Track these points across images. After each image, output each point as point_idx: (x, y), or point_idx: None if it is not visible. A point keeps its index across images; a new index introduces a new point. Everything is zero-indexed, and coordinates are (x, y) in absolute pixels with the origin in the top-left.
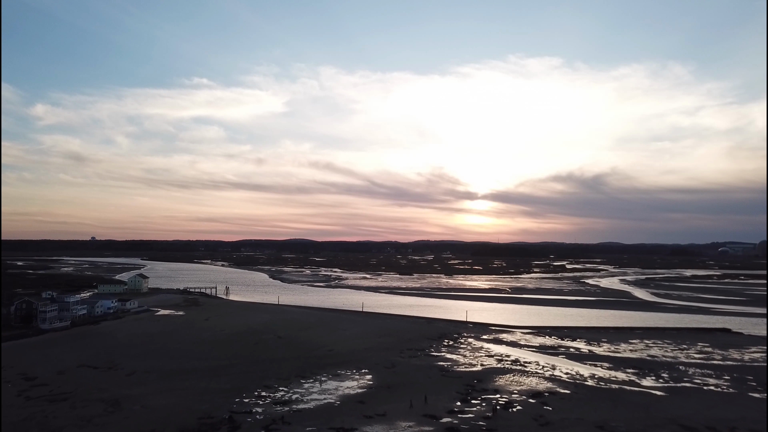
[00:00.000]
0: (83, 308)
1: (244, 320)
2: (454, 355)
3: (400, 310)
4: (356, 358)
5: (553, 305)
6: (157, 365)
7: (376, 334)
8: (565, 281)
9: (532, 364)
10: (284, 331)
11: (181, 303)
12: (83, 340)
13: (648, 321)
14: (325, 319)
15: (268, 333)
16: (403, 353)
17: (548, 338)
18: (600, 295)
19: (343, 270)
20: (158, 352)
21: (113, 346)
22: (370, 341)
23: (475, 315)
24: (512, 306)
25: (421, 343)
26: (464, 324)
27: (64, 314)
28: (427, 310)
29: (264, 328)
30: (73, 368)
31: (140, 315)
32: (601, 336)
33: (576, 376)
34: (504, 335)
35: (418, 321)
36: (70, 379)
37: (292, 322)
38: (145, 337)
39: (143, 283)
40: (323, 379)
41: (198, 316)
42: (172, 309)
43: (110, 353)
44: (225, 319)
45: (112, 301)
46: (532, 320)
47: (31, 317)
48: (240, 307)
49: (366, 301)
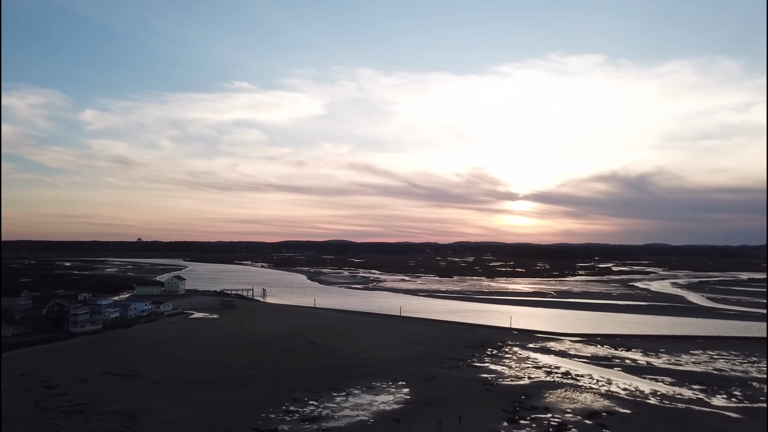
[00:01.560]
0: (115, 311)
1: (276, 324)
2: (499, 366)
3: (439, 315)
4: (392, 368)
5: (601, 310)
6: (181, 374)
7: (414, 342)
8: (612, 284)
9: (585, 378)
10: (317, 337)
11: (216, 306)
12: (112, 345)
13: (708, 329)
14: (360, 323)
15: (301, 339)
16: (443, 363)
17: (600, 347)
18: (652, 300)
19: (381, 272)
20: (185, 359)
21: (140, 351)
22: (407, 349)
23: (520, 321)
24: (558, 311)
25: (462, 351)
26: (508, 331)
27: (96, 317)
28: (468, 316)
29: (296, 334)
30: (96, 376)
31: (173, 318)
32: (658, 345)
33: (636, 393)
34: (552, 344)
35: (459, 327)
36: (90, 388)
37: (326, 327)
38: (174, 343)
39: (180, 284)
40: (356, 391)
41: (231, 320)
42: (206, 312)
43: (136, 360)
44: (257, 324)
45: (145, 303)
46: (581, 327)
47: (62, 320)
48: (274, 311)
49: (404, 304)
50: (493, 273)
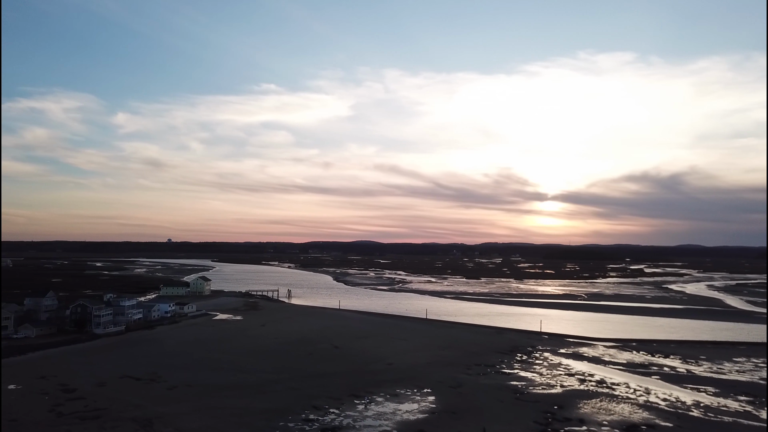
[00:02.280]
0: (139, 312)
1: (300, 327)
2: (529, 372)
3: (466, 318)
4: (417, 374)
5: (635, 314)
6: (200, 378)
7: (440, 346)
8: (645, 287)
9: (621, 387)
10: (340, 340)
11: (240, 307)
12: (133, 347)
13: (751, 334)
14: (385, 326)
15: (324, 342)
16: (471, 370)
17: (636, 354)
18: (688, 303)
19: (407, 273)
20: (205, 363)
21: (161, 354)
22: (433, 354)
23: (550, 324)
24: (590, 314)
25: (491, 357)
26: (538, 335)
27: (119, 319)
28: (497, 319)
29: (319, 337)
30: (115, 379)
31: (197, 319)
32: (697, 352)
33: (677, 404)
34: (584, 349)
35: (487, 331)
36: (108, 392)
37: (350, 330)
38: (195, 345)
39: (205, 285)
40: (380, 399)
41: (254, 322)
42: (230, 313)
43: (156, 363)
44: (281, 326)
45: (169, 304)
46: (615, 331)
47: (85, 321)
48: (298, 312)
49: (430, 307)
50: (521, 275)
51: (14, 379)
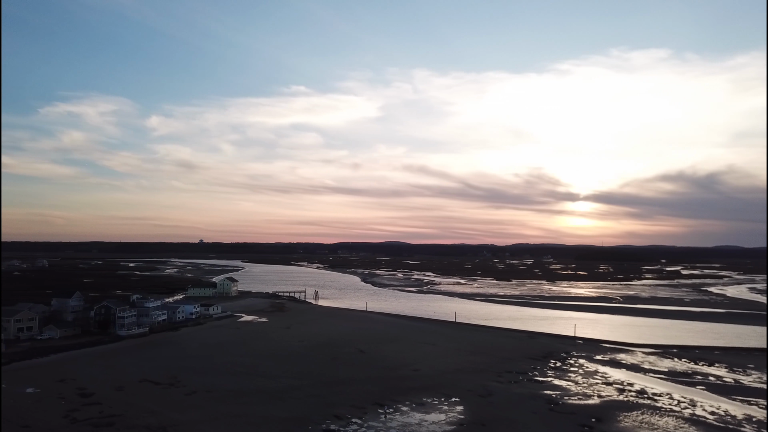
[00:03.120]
0: (163, 314)
1: (325, 329)
2: (564, 381)
3: (497, 321)
4: (445, 381)
5: (674, 318)
6: (220, 383)
7: (470, 351)
8: (683, 289)
9: (664, 398)
10: (366, 344)
11: (266, 308)
12: (155, 349)
13: None
14: (412, 330)
15: (349, 345)
16: (501, 377)
17: (677, 361)
18: (729, 307)
19: (436, 274)
20: (226, 367)
21: (183, 357)
22: (462, 360)
23: (585, 329)
24: (626, 318)
25: (523, 363)
26: (572, 340)
27: (143, 320)
28: (529, 323)
29: (345, 340)
30: (134, 383)
31: (222, 321)
32: (745, 360)
33: (726, 419)
34: (622, 356)
35: (519, 335)
36: (126, 396)
37: (376, 333)
38: (218, 348)
39: (232, 286)
40: (405, 408)
41: (279, 324)
42: (255, 315)
43: (177, 366)
44: (306, 328)
45: (194, 306)
46: (654, 337)
47: (108, 323)
48: (324, 314)
49: (459, 309)
50: (553, 276)
51: (33, 382)
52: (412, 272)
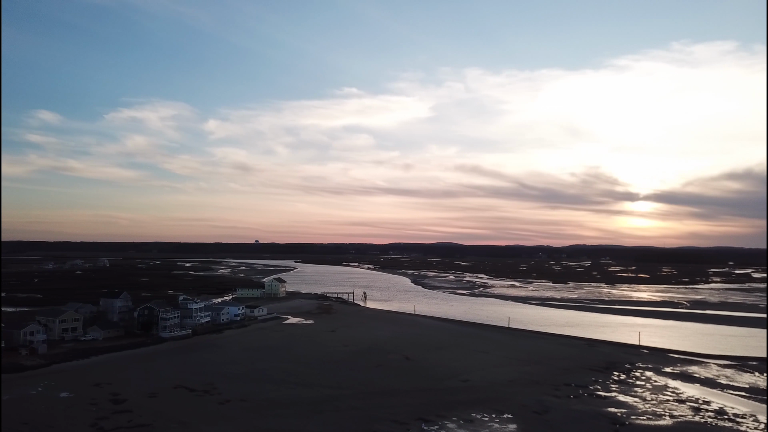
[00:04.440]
0: (207, 315)
1: (371, 333)
2: (630, 396)
3: (553, 327)
4: (496, 394)
5: (750, 326)
6: (256, 391)
7: (524, 360)
8: (756, 294)
9: (748, 420)
10: (413, 351)
11: (313, 310)
12: (195, 352)
13: None
14: (463, 336)
15: (395, 352)
16: (559, 390)
17: (759, 376)
18: None
19: (489, 276)
20: (265, 373)
21: (222, 362)
22: (515, 370)
23: (650, 336)
24: (695, 325)
25: (582, 375)
26: (637, 349)
27: (186, 322)
28: (588, 329)
29: (391, 346)
30: (168, 390)
31: (266, 323)
32: None
33: None
34: (694, 368)
35: (577, 343)
36: (157, 404)
37: (424, 339)
38: (259, 352)
39: (280, 287)
40: (451, 426)
41: (325, 327)
42: (301, 317)
43: (215, 371)
44: (351, 332)
45: (239, 307)
46: (729, 347)
47: (151, 324)
48: (372, 317)
49: (513, 314)
50: (613, 279)
51: (69, 386)
52: (464, 274)
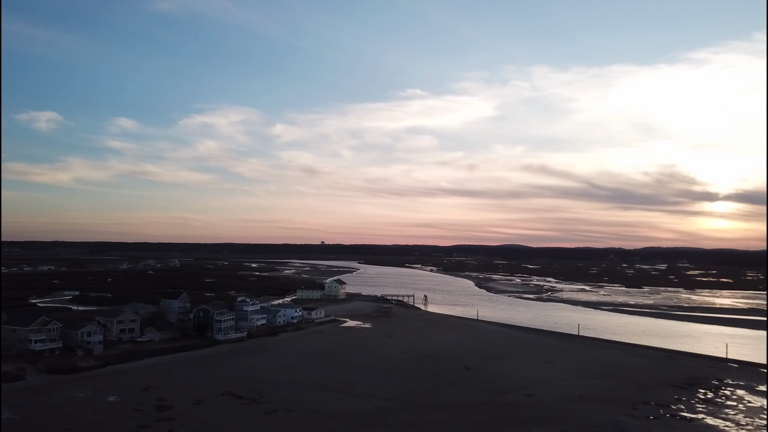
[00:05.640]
0: (262, 318)
1: (430, 339)
2: (720, 419)
3: (628, 336)
4: (564, 411)
5: None
6: (305, 400)
7: (595, 373)
8: None
9: None
10: (474, 359)
11: (371, 313)
12: (247, 357)
13: None
14: (528, 344)
15: (455, 360)
16: (636, 410)
17: None
18: None
19: (557, 280)
20: (316, 381)
21: (273, 367)
22: (586, 384)
23: (739, 348)
24: None
25: (663, 392)
26: (724, 363)
27: (242, 324)
28: (667, 339)
29: (451, 353)
30: (215, 396)
31: (323, 326)
32: None
33: None
34: None
35: (655, 355)
36: (202, 412)
37: (486, 346)
38: (312, 358)
39: (340, 289)
40: None
41: (382, 331)
42: (359, 320)
43: (265, 378)
44: (410, 337)
45: (296, 310)
46: None
47: (206, 326)
48: (432, 322)
49: (583, 320)
50: (692, 283)
51: (118, 390)
52: (531, 277)
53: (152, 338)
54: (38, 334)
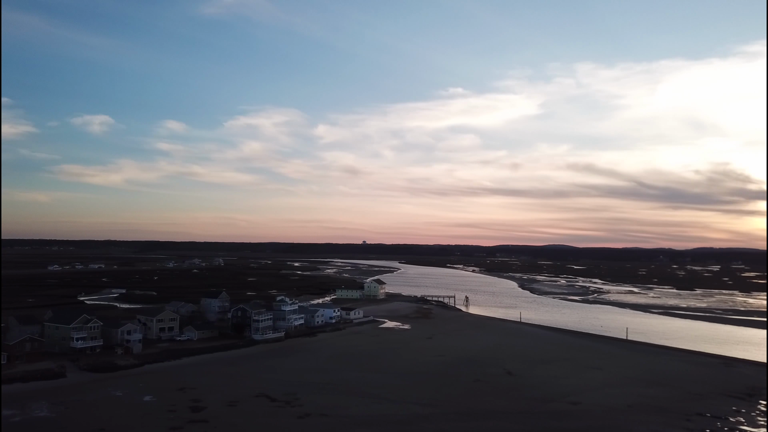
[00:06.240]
0: (300, 318)
1: (471, 342)
2: None
3: (680, 341)
4: (613, 422)
5: None
6: (339, 404)
7: (646, 381)
8: None
9: None
10: (516, 364)
11: (411, 314)
12: (284, 358)
13: None
14: (574, 348)
15: (496, 364)
16: (691, 422)
17: None
18: None
19: (604, 281)
20: (352, 384)
21: (308, 369)
22: (635, 392)
23: None
24: None
25: (720, 403)
26: None
27: (280, 324)
28: (723, 345)
29: (492, 357)
30: (249, 398)
31: (362, 327)
32: None
33: None
34: None
35: (710, 361)
36: (235, 415)
37: (529, 350)
38: (349, 360)
39: (379, 289)
40: None
41: (421, 333)
42: (398, 321)
43: (300, 380)
44: (450, 340)
45: (334, 310)
46: None
47: (243, 326)
48: (472, 324)
49: (631, 324)
50: (748, 286)
51: (154, 389)
52: (577, 278)
53: (191, 337)
54: (80, 332)
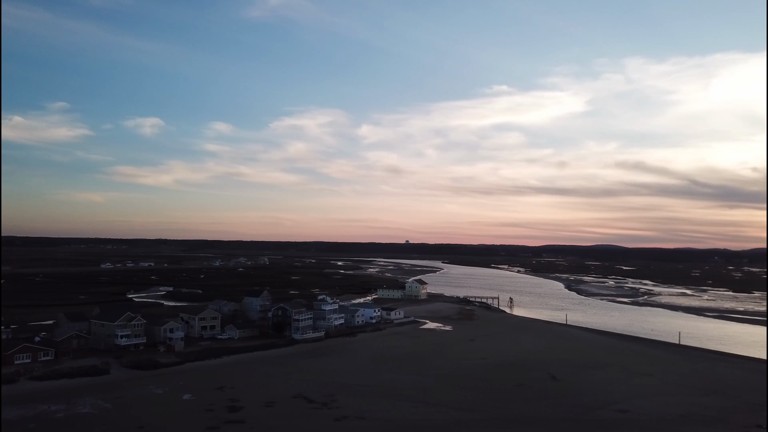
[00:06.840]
0: (340, 318)
1: (514, 345)
2: None
3: (737, 347)
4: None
5: None
6: (377, 407)
7: (700, 389)
8: None
9: None
10: (561, 368)
11: (453, 315)
12: (323, 358)
13: None
14: (622, 352)
15: (539, 369)
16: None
17: None
18: None
19: (655, 283)
20: (391, 387)
21: (347, 370)
22: (688, 401)
23: None
24: None
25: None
26: None
27: (320, 324)
28: None
29: (535, 361)
30: (287, 399)
31: (402, 328)
32: None
33: None
34: None
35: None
36: (271, 415)
37: (575, 354)
38: (388, 361)
39: (421, 289)
40: None
41: (464, 335)
42: (440, 322)
43: (338, 381)
44: (492, 342)
45: (375, 310)
46: None
47: (284, 325)
48: (516, 326)
49: (684, 328)
50: None
51: (193, 388)
52: (626, 279)
53: (232, 336)
54: (124, 329)
